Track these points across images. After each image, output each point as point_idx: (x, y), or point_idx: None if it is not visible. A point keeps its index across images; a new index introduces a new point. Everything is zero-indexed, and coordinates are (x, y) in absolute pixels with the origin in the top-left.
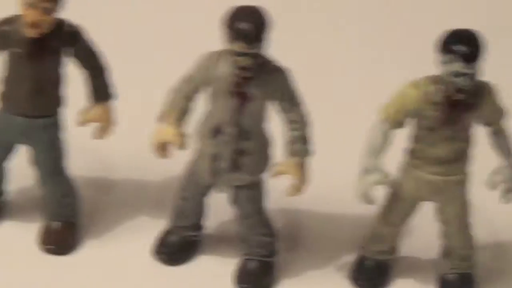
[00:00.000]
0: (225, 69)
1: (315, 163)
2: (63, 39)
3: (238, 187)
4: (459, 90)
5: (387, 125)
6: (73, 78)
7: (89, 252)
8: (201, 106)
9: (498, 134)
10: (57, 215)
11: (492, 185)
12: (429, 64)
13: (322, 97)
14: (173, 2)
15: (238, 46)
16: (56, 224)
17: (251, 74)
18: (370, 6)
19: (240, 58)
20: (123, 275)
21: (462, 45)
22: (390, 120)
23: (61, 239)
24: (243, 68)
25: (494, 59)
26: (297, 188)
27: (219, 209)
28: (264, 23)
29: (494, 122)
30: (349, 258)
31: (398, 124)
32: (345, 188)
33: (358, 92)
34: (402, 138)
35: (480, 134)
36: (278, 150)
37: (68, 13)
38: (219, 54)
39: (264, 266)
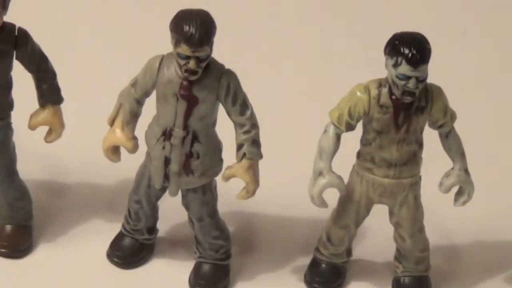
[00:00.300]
0: (171, 73)
1: (267, 166)
2: (10, 43)
3: (189, 191)
4: (407, 93)
5: (337, 128)
6: (23, 82)
7: (43, 255)
8: (150, 109)
9: (448, 136)
10: (10, 218)
11: (445, 188)
12: (379, 66)
13: (272, 99)
14: (121, 6)
15: (184, 49)
16: (9, 228)
17: (197, 77)
18: (318, 8)
19: (185, 61)
20: (77, 278)
21: (409, 48)
22: (341, 123)
23: (14, 242)
24: (189, 71)
25: (443, 62)
26: (248, 191)
27: (173, 212)
28: (210, 27)
29: (444, 124)
30: (304, 261)
31: (349, 127)
32: (298, 191)
33: (309, 95)
34: (354, 141)
35: (431, 137)
36: (229, 153)
37: (14, 17)
38: (165, 58)
39: (218, 269)
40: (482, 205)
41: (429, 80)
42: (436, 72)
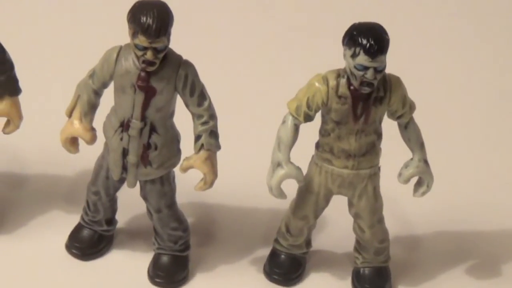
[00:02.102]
0: (129, 64)
1: (226, 157)
2: None
3: (147, 182)
4: (366, 84)
5: (296, 119)
6: None
7: (1, 247)
8: (109, 101)
9: (407, 127)
10: None
11: (404, 179)
12: (337, 57)
13: (230, 90)
14: None
15: (141, 40)
16: None
17: (154, 68)
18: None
19: (143, 52)
20: (35, 270)
21: (367, 38)
22: (299, 114)
23: None
24: (146, 62)
25: (402, 52)
26: (206, 182)
27: (132, 203)
28: (167, 18)
29: (403, 115)
30: (263, 252)
31: (307, 117)
32: (257, 182)
33: (266, 85)
34: (312, 132)
35: (390, 127)
36: (188, 144)
37: None
38: (123, 49)
39: (177, 260)
40: (441, 196)
41: (388, 70)
42: (395, 62)
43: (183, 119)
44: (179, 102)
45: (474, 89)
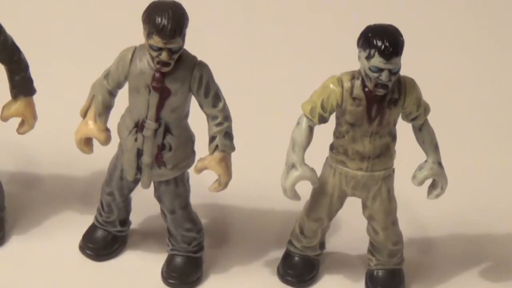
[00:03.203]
0: (144, 64)
1: (240, 159)
2: None
3: (161, 183)
4: (380, 85)
5: (310, 121)
6: None
7: (15, 247)
8: (123, 101)
9: (422, 129)
10: None
11: (418, 181)
12: (351, 58)
13: (244, 91)
14: None
15: (156, 41)
16: None
17: (169, 69)
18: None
19: (158, 53)
20: (49, 270)
21: (382, 40)
22: (314, 116)
23: None
24: (161, 63)
25: (416, 54)
26: (221, 184)
27: (145, 204)
28: (182, 18)
29: (417, 117)
30: (277, 254)
31: (322, 119)
32: (271, 184)
33: (282, 87)
34: (327, 134)
35: (405, 129)
36: (202, 146)
37: None
38: (138, 49)
39: (191, 261)
40: (455, 198)
41: (403, 72)
42: (409, 64)
43: (198, 120)
44: (193, 103)
45: (490, 92)
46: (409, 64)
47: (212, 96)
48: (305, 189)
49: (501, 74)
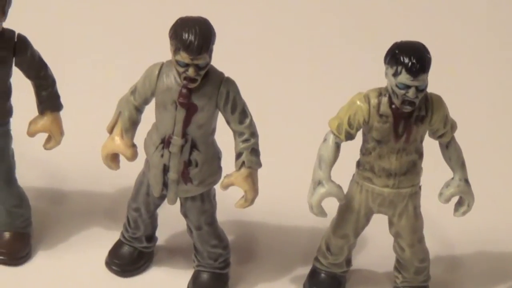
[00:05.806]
0: (170, 80)
1: (267, 175)
2: (10, 49)
3: (188, 199)
4: (407, 102)
5: (337, 137)
6: (22, 89)
7: (41, 263)
8: (149, 117)
9: (449, 146)
10: (8, 225)
11: (444, 198)
12: (378, 75)
13: (271, 108)
14: (122, 14)
15: (183, 57)
16: (7, 235)
17: (196, 85)
18: (320, 17)
19: (185, 69)
20: (75, 286)
21: (409, 57)
22: (340, 132)
23: (13, 249)
24: (188, 79)
25: (444, 71)
26: (247, 200)
27: (172, 220)
28: (209, 34)
29: (444, 134)
30: (303, 270)
31: (348, 136)
32: (297, 200)
33: (308, 103)
34: (354, 150)
35: (431, 147)
36: (229, 162)
37: (14, 24)
38: (165, 65)
39: (217, 278)
40: (482, 216)
41: (430, 89)
42: (437, 81)
43: (225, 136)
44: (220, 119)
45: None
46: (436, 81)
47: (239, 112)
48: (332, 206)
49: None
